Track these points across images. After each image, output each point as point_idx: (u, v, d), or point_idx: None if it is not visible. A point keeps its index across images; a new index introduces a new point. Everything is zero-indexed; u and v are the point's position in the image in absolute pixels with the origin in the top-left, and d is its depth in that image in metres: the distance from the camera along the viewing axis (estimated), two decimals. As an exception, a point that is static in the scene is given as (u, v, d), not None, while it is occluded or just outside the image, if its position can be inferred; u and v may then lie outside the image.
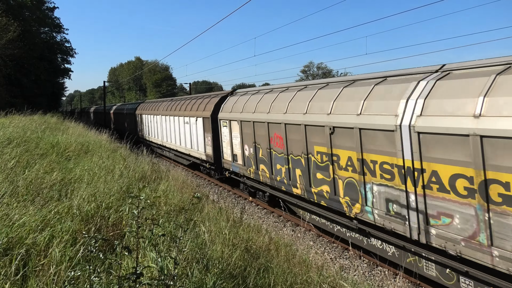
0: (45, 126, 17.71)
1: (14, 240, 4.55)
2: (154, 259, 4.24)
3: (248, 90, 15.00)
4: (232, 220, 7.91)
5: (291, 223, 11.65)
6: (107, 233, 5.48)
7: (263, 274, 5.31)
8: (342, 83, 9.27)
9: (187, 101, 21.21)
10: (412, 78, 7.34)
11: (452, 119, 5.98)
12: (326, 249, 9.60)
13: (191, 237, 5.74)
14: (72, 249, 4.55)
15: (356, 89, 8.48)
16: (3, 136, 11.78)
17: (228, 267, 5.05)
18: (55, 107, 52.31)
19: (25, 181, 7.14)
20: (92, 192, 7.09)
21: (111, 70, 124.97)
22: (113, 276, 3.91)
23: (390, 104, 7.23)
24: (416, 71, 7.53)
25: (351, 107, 8.16)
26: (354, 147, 8.00)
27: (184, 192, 10.02)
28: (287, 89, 11.60)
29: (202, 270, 4.55)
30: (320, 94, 9.59)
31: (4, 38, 27.70)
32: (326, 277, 5.86)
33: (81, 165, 9.83)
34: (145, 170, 11.74)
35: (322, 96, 9.42)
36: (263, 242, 7.09)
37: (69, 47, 50.82)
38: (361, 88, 8.31)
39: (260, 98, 12.49)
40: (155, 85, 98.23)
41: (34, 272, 4.07)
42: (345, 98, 8.56)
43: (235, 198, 15.05)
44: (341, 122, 8.30)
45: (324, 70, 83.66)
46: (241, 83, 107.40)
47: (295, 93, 10.75)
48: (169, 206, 7.77)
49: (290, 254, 6.88)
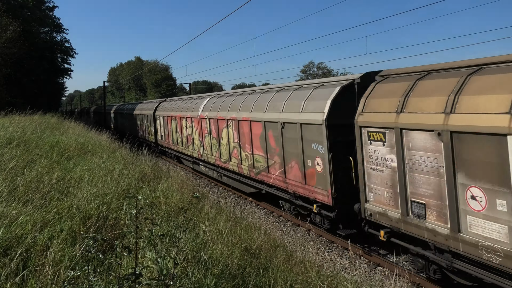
0: (45, 126, 17.71)
1: (14, 240, 4.55)
2: (153, 259, 4.24)
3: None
4: (232, 219, 7.91)
5: (291, 223, 11.65)
6: (107, 233, 5.48)
7: (263, 274, 5.31)
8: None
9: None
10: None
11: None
12: (326, 249, 9.59)
13: (191, 237, 5.74)
14: (71, 249, 4.55)
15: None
16: (3, 137, 11.77)
17: (228, 267, 5.04)
18: (55, 107, 52.32)
19: (25, 181, 7.14)
20: (92, 192, 7.08)
21: (111, 70, 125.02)
22: (112, 276, 3.91)
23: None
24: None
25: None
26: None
27: (184, 192, 10.02)
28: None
29: (201, 270, 4.55)
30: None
31: (3, 38, 27.69)
32: (326, 277, 5.85)
33: (81, 165, 9.83)
34: (145, 170, 11.74)
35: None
36: (263, 242, 7.09)
37: (69, 47, 50.85)
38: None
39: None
40: (155, 85, 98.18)
41: (34, 272, 4.06)
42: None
43: (235, 198, 15.05)
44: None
45: (324, 70, 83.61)
46: (241, 83, 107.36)
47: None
48: (168, 206, 7.77)
49: (290, 254, 6.88)
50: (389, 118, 7.26)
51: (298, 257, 6.82)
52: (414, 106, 6.86)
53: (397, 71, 8.07)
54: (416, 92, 6.96)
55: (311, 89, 10.26)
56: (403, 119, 6.94)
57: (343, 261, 8.91)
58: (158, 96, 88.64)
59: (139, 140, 29.62)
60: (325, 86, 9.99)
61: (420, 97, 6.82)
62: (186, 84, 57.14)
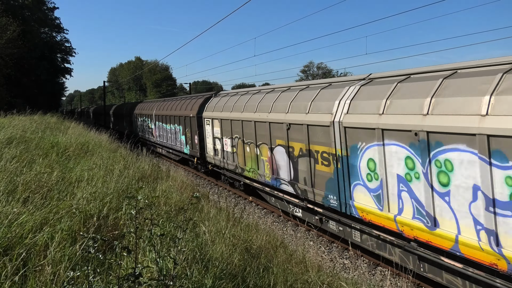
0: (45, 126, 17.71)
1: (13, 240, 4.55)
2: (153, 259, 4.23)
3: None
4: (232, 219, 7.90)
5: (291, 223, 11.64)
6: (107, 233, 5.47)
7: (263, 274, 5.30)
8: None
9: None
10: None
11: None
12: (326, 249, 9.59)
13: (191, 237, 5.73)
14: (71, 249, 4.54)
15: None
16: (3, 137, 11.77)
17: (228, 267, 5.04)
18: (55, 107, 52.29)
19: (25, 181, 7.13)
20: (92, 191, 7.08)
21: (111, 70, 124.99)
22: (112, 276, 3.90)
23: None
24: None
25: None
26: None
27: (183, 191, 10.02)
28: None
29: (201, 270, 4.54)
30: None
31: (3, 38, 27.69)
32: (326, 277, 5.85)
33: (81, 164, 9.82)
34: (145, 170, 11.74)
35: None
36: (263, 242, 7.08)
37: (69, 47, 50.87)
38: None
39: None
40: (155, 85, 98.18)
41: (34, 272, 4.06)
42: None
43: (235, 198, 15.04)
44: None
45: (324, 70, 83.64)
46: (241, 83, 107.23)
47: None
48: (168, 206, 7.76)
49: (290, 254, 6.88)
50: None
51: (298, 257, 6.82)
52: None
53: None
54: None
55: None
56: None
57: (343, 260, 8.91)
58: (158, 96, 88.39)
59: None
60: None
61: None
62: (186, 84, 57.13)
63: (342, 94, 8.78)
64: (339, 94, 8.90)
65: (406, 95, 7.05)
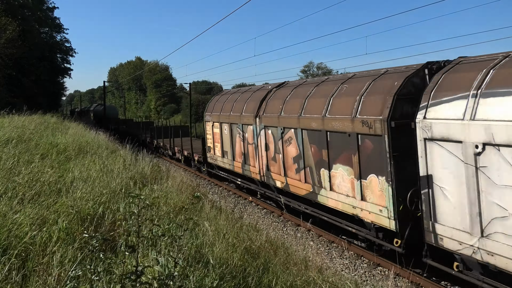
0: (45, 126, 17.70)
1: (13, 239, 4.54)
2: (154, 259, 4.24)
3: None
4: (232, 220, 7.90)
5: (291, 223, 11.65)
6: (105, 233, 5.47)
7: (263, 274, 5.31)
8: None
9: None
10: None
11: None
12: (326, 249, 9.60)
13: (191, 237, 5.74)
14: (70, 248, 4.54)
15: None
16: (3, 137, 11.77)
17: (228, 267, 5.04)
18: (55, 107, 52.20)
19: (24, 180, 7.13)
20: (91, 191, 7.08)
21: (111, 70, 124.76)
22: (113, 275, 3.90)
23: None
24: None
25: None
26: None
27: (183, 191, 10.02)
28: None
29: (202, 270, 4.54)
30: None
31: (3, 38, 27.68)
32: (326, 277, 5.85)
33: (81, 164, 9.82)
34: (145, 170, 11.74)
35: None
36: (263, 242, 7.09)
37: (69, 47, 50.89)
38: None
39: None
40: (155, 85, 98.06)
41: (34, 272, 4.06)
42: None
43: (235, 198, 15.04)
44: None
45: (324, 70, 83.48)
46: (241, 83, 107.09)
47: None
48: (168, 206, 7.76)
49: (290, 254, 6.88)
50: None
51: (298, 257, 6.82)
52: None
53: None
54: None
55: None
56: None
57: (343, 261, 8.91)
58: (158, 96, 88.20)
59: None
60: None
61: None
62: (186, 84, 57.14)
63: None
64: None
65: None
